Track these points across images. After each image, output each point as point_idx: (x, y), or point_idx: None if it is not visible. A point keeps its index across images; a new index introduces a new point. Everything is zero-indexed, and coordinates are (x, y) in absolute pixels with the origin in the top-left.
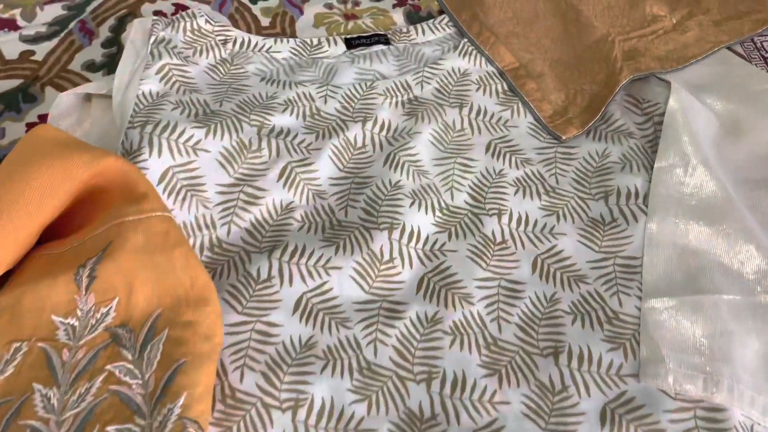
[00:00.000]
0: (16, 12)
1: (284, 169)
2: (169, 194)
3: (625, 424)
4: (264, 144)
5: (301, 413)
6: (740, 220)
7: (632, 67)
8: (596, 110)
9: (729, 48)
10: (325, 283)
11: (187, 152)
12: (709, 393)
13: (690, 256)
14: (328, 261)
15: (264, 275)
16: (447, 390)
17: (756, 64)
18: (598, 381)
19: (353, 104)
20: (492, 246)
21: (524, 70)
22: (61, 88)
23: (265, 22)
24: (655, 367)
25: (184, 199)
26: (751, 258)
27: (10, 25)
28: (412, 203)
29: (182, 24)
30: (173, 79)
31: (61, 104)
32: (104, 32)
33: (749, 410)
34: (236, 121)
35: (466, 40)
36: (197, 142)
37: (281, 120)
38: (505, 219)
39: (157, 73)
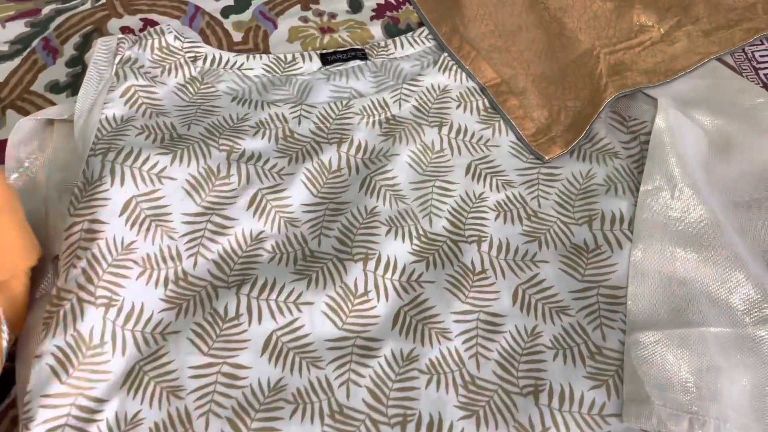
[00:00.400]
0: None
1: (254, 196)
2: (132, 225)
3: None
4: (233, 170)
5: None
6: (729, 246)
7: (618, 84)
8: (580, 129)
9: (719, 59)
10: (296, 320)
11: (152, 180)
12: None
13: (676, 286)
14: (299, 296)
15: (232, 313)
16: None
17: (746, 76)
18: (579, 422)
19: (328, 124)
20: (471, 276)
21: (506, 86)
22: (23, 111)
23: (237, 37)
24: (639, 406)
25: (148, 229)
26: (739, 287)
27: None
28: (389, 231)
29: (150, 42)
30: (139, 101)
31: (21, 130)
32: (69, 50)
33: None
34: (204, 146)
35: (446, 54)
36: (162, 170)
37: (252, 144)
38: (485, 246)
39: (122, 95)
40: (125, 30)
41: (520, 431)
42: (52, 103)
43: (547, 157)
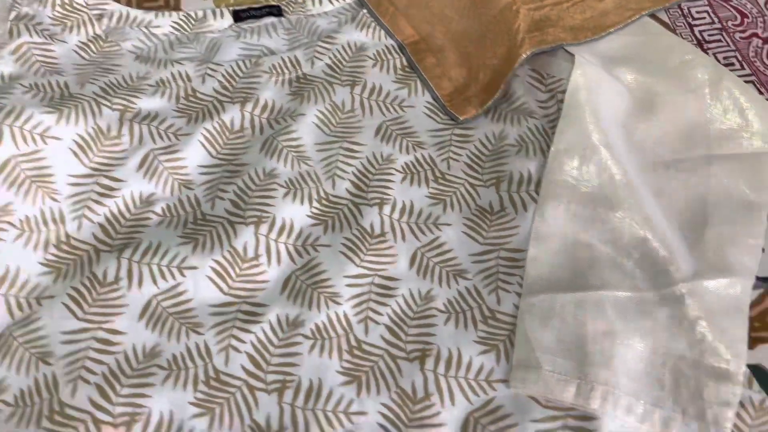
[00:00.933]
0: None
1: (146, 157)
2: (10, 186)
3: None
4: (125, 130)
5: (136, 429)
6: (639, 208)
7: (536, 40)
8: (495, 88)
9: (652, 15)
10: (178, 284)
11: (34, 140)
12: (582, 400)
13: (580, 249)
14: (183, 260)
15: (111, 277)
16: (300, 400)
17: (680, 33)
18: (464, 387)
19: (234, 83)
20: (369, 239)
21: (424, 43)
22: None
23: None
24: (526, 372)
25: (27, 191)
26: (645, 250)
27: None
28: (287, 193)
29: None
30: (32, 59)
31: None
32: None
33: (625, 417)
34: (95, 105)
35: (365, 10)
36: (46, 129)
37: (149, 103)
38: (386, 209)
39: (13, 53)
40: None
41: (402, 397)
42: None
43: (461, 118)
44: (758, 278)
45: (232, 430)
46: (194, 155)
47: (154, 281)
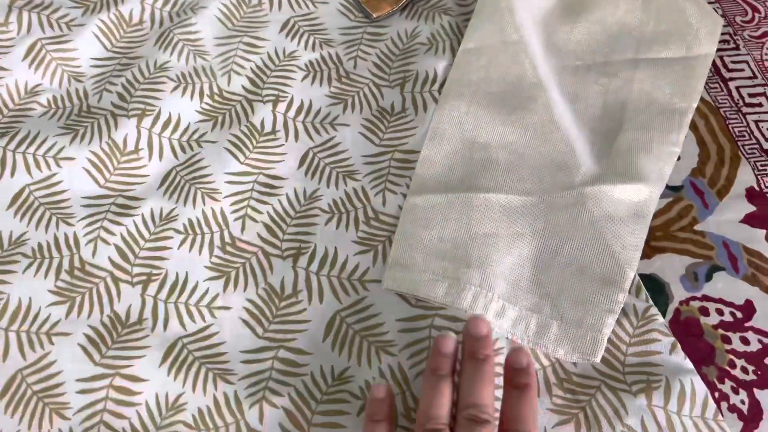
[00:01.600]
0: None
1: (33, 46)
2: None
3: (351, 333)
4: (13, 18)
5: None
6: (547, 109)
7: None
8: None
9: None
10: (53, 175)
11: None
12: (451, 299)
13: (476, 150)
14: (60, 151)
15: None
16: (164, 293)
17: None
18: (335, 286)
19: None
20: (257, 136)
21: None
22: None
23: None
24: (399, 271)
25: None
26: (546, 154)
27: None
28: (176, 87)
29: None
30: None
31: None
32: None
33: (497, 321)
34: None
35: None
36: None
37: None
38: (281, 107)
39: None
40: None
41: (269, 293)
42: None
43: (375, 15)
44: (668, 187)
45: (90, 320)
46: (86, 47)
47: (28, 171)
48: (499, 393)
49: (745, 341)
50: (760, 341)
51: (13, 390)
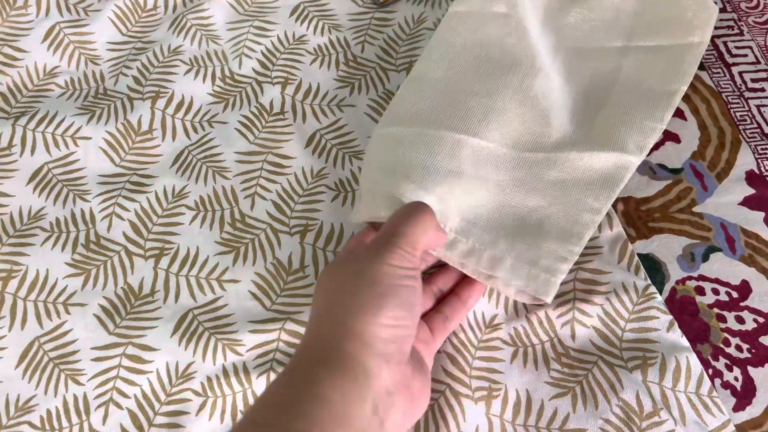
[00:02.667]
0: None
1: (51, 29)
2: None
3: None
4: (32, 1)
5: (12, 284)
6: (531, 76)
7: None
8: None
9: None
10: (71, 153)
11: None
12: None
13: (454, 95)
14: (78, 130)
15: (4, 143)
16: (175, 267)
17: None
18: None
19: None
20: (266, 116)
21: None
22: None
23: None
24: (363, 201)
25: None
26: (523, 115)
27: None
28: (189, 70)
29: None
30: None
31: None
32: None
33: (445, 252)
34: None
35: None
36: None
37: None
38: (290, 89)
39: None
40: None
41: (277, 267)
42: None
43: (382, 1)
44: (667, 169)
45: (104, 291)
46: (103, 31)
47: (47, 149)
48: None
49: (741, 320)
50: (755, 320)
51: (31, 356)
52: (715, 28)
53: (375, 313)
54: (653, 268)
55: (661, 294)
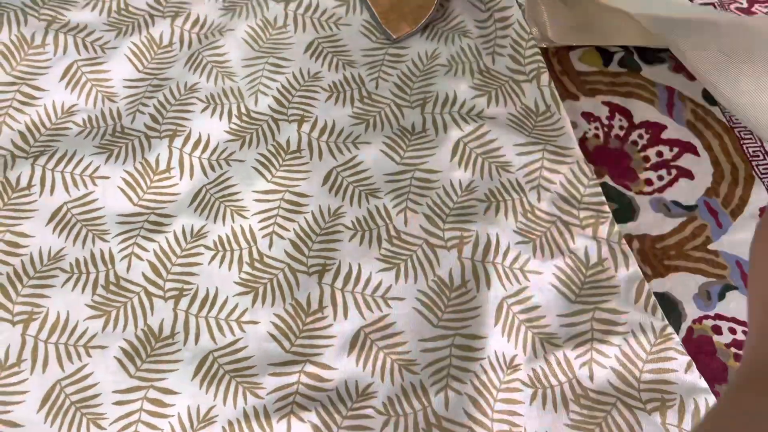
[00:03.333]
0: None
1: (69, 67)
2: None
3: (375, 350)
4: (50, 39)
5: (33, 327)
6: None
7: None
8: (430, 5)
9: None
10: (90, 193)
11: None
12: None
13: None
14: (96, 170)
15: (24, 183)
16: (195, 308)
17: None
18: (359, 303)
19: None
20: (283, 155)
21: None
22: None
23: None
24: None
25: None
26: None
27: None
28: (206, 108)
29: None
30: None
31: None
32: None
33: None
34: (20, 14)
35: None
36: None
37: (80, 15)
38: (306, 126)
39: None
40: None
41: (296, 308)
42: None
43: (395, 36)
44: (682, 206)
45: (125, 333)
46: (119, 68)
47: (66, 189)
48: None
49: None
50: None
51: (53, 400)
52: None
53: None
54: (670, 307)
55: (678, 333)
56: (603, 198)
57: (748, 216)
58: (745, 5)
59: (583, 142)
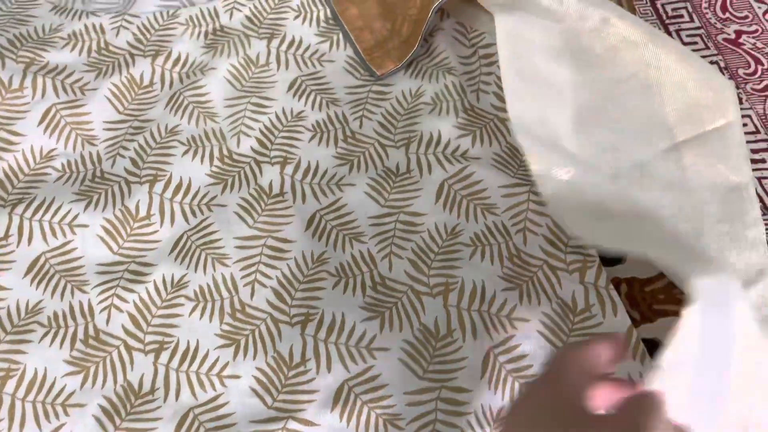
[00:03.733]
0: None
1: (48, 111)
2: None
3: (359, 404)
4: (28, 82)
5: (11, 384)
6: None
7: None
8: (415, 40)
9: None
10: (68, 242)
11: None
12: None
13: None
14: (75, 218)
15: (1, 233)
16: (175, 362)
17: None
18: (343, 354)
19: (148, 36)
20: (266, 198)
21: None
22: None
23: None
24: None
25: None
26: None
27: None
28: (187, 151)
29: None
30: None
31: None
32: None
33: None
34: None
35: None
36: None
37: (59, 56)
38: (289, 168)
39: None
40: None
41: (278, 361)
42: None
43: (379, 73)
44: None
45: (103, 390)
46: (99, 110)
47: (44, 238)
48: None
49: None
50: None
51: None
52: None
53: None
54: (659, 353)
55: None
56: None
57: None
58: (733, 36)
59: None
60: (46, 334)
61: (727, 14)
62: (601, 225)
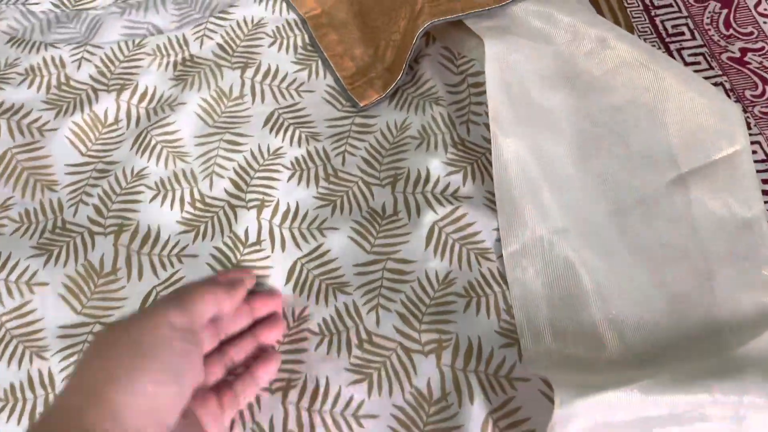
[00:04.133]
0: None
1: (3, 156)
2: None
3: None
4: None
5: None
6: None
7: (437, 10)
8: (399, 68)
9: None
10: (26, 303)
11: None
12: None
13: None
14: (33, 275)
15: None
16: None
17: None
18: (328, 424)
19: (113, 68)
20: (241, 248)
21: (326, 17)
22: None
23: None
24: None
25: None
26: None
27: None
28: (155, 196)
29: None
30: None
31: None
32: None
33: None
34: None
35: None
36: None
37: (16, 94)
38: (266, 213)
39: None
40: None
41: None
42: None
43: (362, 104)
44: None
45: None
46: (60, 153)
47: (0, 299)
48: None
49: None
50: None
51: None
52: None
53: (130, 377)
54: None
55: None
56: None
57: None
58: (738, 55)
59: None
60: (2, 410)
61: (731, 30)
62: None
